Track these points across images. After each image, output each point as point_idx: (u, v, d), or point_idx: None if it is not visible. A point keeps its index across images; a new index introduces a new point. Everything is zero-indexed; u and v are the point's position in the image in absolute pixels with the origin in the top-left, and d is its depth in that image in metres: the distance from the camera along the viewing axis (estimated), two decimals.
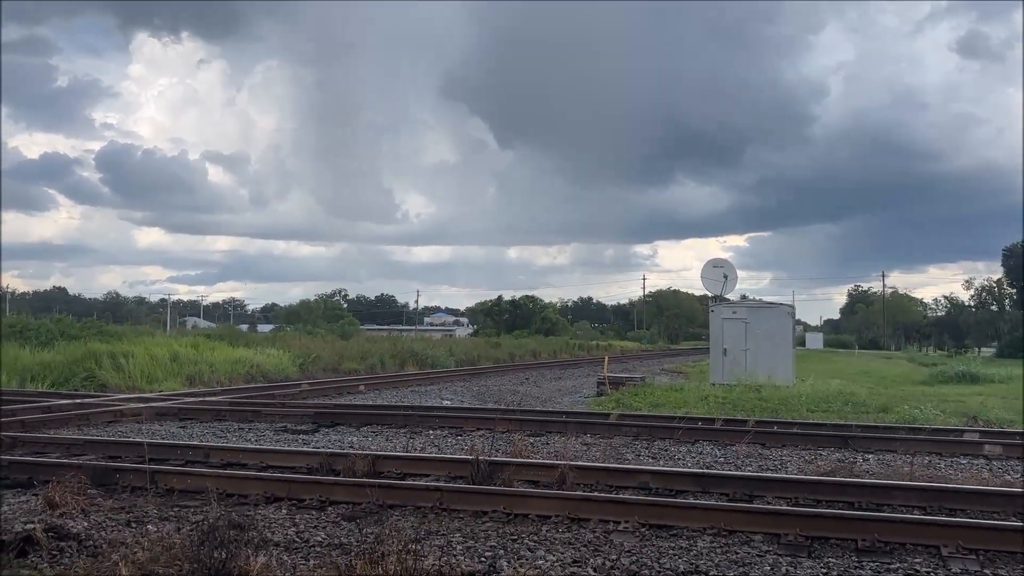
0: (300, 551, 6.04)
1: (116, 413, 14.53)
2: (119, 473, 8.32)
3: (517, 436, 11.97)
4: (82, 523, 6.59)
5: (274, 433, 13.02)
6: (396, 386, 23.11)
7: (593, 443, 11.82)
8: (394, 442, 11.98)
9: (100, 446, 10.47)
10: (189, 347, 25.42)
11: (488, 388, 23.93)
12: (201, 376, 22.60)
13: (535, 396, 21.96)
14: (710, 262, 28.28)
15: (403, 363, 31.86)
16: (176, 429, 13.39)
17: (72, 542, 5.97)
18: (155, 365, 22.25)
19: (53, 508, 7.02)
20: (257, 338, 36.29)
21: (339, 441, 12.10)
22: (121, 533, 6.34)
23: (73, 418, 13.65)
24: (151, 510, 7.17)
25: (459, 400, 20.12)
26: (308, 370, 26.84)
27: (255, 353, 26.75)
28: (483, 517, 7.00)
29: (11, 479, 8.50)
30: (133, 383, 20.53)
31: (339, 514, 7.18)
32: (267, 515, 7.09)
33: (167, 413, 15.00)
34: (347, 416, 14.52)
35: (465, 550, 6.05)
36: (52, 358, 22.90)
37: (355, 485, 7.78)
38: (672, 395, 19.28)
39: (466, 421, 13.87)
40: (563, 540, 6.35)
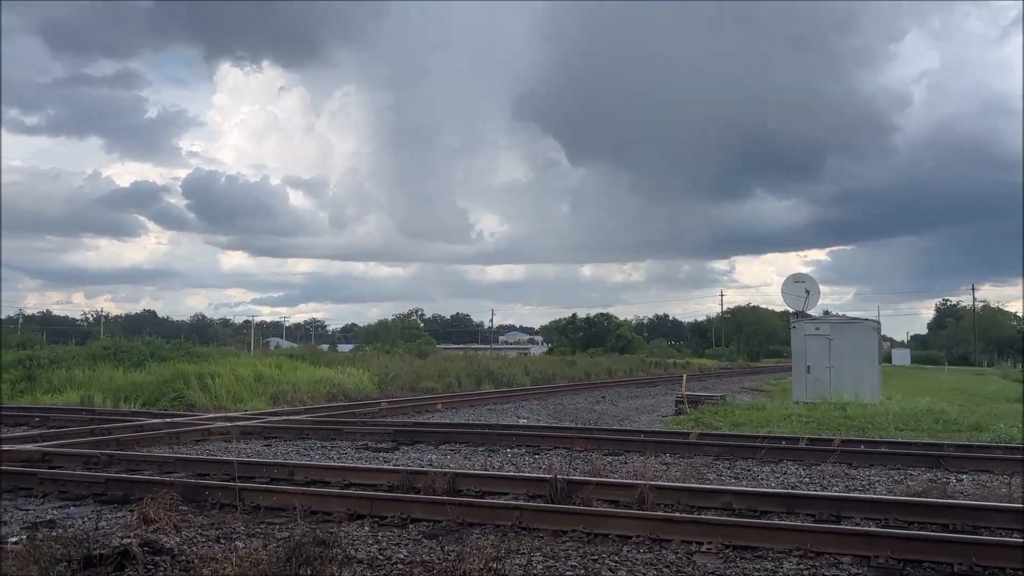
0: (383, 568, 6.11)
1: (204, 432, 14.97)
2: (208, 490, 8.57)
3: (595, 455, 11.92)
4: (175, 538, 6.81)
5: (355, 451, 13.23)
6: (473, 404, 23.24)
7: (673, 463, 11.67)
8: (472, 460, 12.04)
9: (190, 464, 10.80)
10: (273, 367, 26.05)
11: (564, 406, 23.86)
12: (284, 395, 23.13)
13: (612, 415, 21.79)
14: (791, 277, 27.70)
15: (479, 381, 32.03)
16: (261, 447, 13.72)
17: (166, 557, 6.16)
18: (240, 385, 22.85)
19: (148, 523, 7.27)
20: (338, 358, 36.96)
21: (419, 459, 12.22)
22: (211, 549, 6.52)
23: (164, 436, 14.12)
24: (239, 526, 7.36)
25: (535, 418, 20.11)
26: (387, 389, 27.21)
27: (336, 372, 27.26)
28: (563, 536, 6.98)
29: (109, 495, 8.83)
30: (220, 403, 21.12)
31: (420, 531, 7.25)
32: (350, 532, 7.21)
33: (252, 432, 15.39)
34: (426, 434, 14.67)
35: (546, 569, 6.03)
36: (143, 378, 23.76)
37: (435, 503, 7.85)
38: (754, 414, 18.90)
39: (543, 440, 13.85)
40: (644, 560, 6.29)
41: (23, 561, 5.73)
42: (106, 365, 26.08)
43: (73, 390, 23.09)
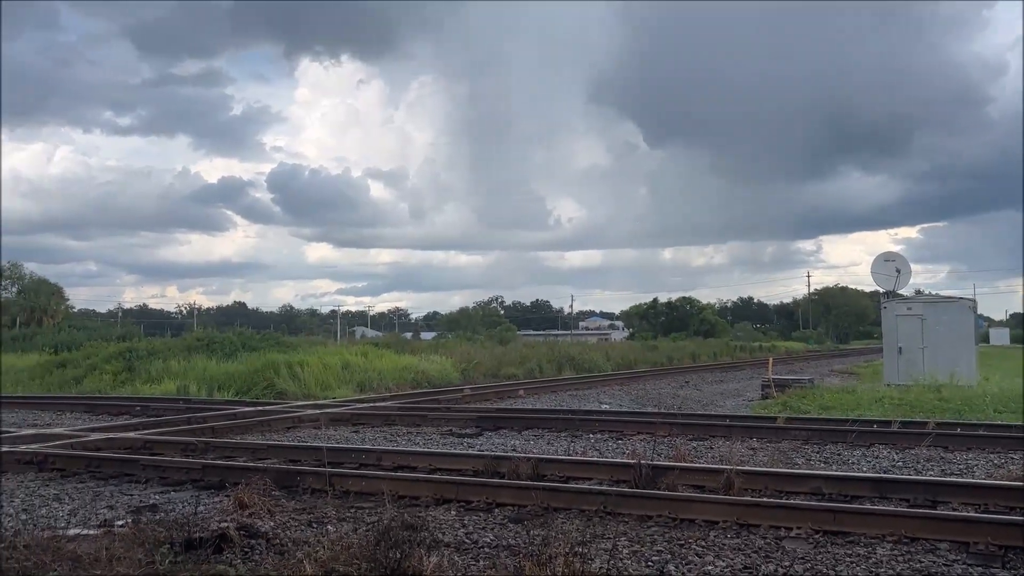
0: (470, 552, 6.20)
1: (295, 419, 15.40)
2: (300, 476, 8.83)
3: (679, 440, 11.82)
4: (269, 523, 7.03)
5: (440, 436, 13.42)
6: (555, 390, 23.28)
7: (759, 447, 11.48)
8: (555, 446, 12.08)
9: (282, 450, 11.14)
10: (359, 356, 26.58)
11: (646, 392, 23.70)
12: (370, 383, 23.60)
13: (696, 400, 21.54)
14: (881, 256, 26.81)
15: (560, 368, 32.05)
16: (350, 434, 14.04)
17: (261, 540, 6.37)
18: (328, 373, 23.40)
19: (243, 508, 7.52)
20: (421, 345, 37.52)
21: (502, 444, 12.32)
22: (304, 533, 6.72)
23: (256, 424, 14.58)
24: (330, 511, 7.55)
25: (617, 404, 20.04)
26: (470, 375, 27.48)
27: (420, 360, 27.66)
28: (648, 521, 6.95)
29: (206, 481, 9.18)
30: (308, 391, 21.68)
31: (505, 516, 7.33)
32: (437, 516, 7.33)
33: (341, 419, 15.75)
34: (509, 420, 14.78)
35: (632, 554, 6.03)
36: (236, 368, 24.56)
37: (520, 488, 7.90)
38: (843, 397, 18.41)
39: (626, 425, 13.79)
40: (732, 546, 6.22)
41: (129, 543, 6.01)
42: (200, 356, 27.06)
43: (170, 380, 24.03)
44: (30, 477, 9.82)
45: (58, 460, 10.39)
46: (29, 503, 8.30)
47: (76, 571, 5.43)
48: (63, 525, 7.18)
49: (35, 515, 7.72)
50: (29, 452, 10.79)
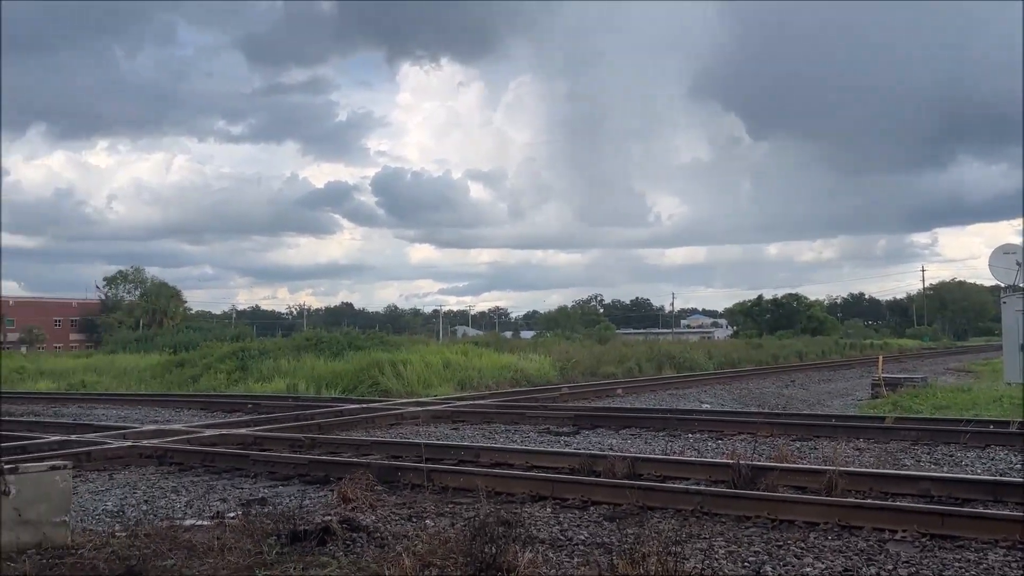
0: (564, 548, 6.25)
1: (397, 416, 15.78)
2: (400, 471, 9.06)
3: (781, 441, 11.57)
4: (370, 516, 7.25)
5: (538, 434, 13.51)
6: (654, 389, 23.08)
7: (866, 448, 11.12)
8: (652, 445, 12.00)
9: (384, 446, 11.44)
10: (459, 354, 26.98)
11: (749, 391, 23.22)
12: (471, 381, 23.93)
13: (801, 399, 20.98)
14: (1000, 248, 25.45)
15: (660, 366, 31.71)
16: (449, 431, 14.29)
17: (362, 533, 6.58)
18: (430, 372, 23.85)
19: (346, 502, 7.78)
20: (520, 344, 37.77)
21: (599, 443, 12.32)
22: (403, 526, 6.91)
23: (361, 421, 15.01)
24: (429, 506, 7.73)
25: (719, 404, 19.71)
26: (568, 374, 27.51)
27: (519, 359, 27.87)
28: (746, 522, 6.85)
29: (312, 475, 9.53)
30: (411, 388, 22.14)
31: (600, 514, 7.34)
32: (533, 513, 7.40)
33: (441, 416, 16.05)
34: (606, 419, 14.75)
35: (728, 554, 5.96)
36: (342, 367, 25.31)
37: (615, 486, 7.91)
38: (958, 396, 17.62)
39: (726, 425, 13.57)
40: (833, 548, 6.07)
41: (239, 534, 6.32)
42: (309, 355, 27.97)
43: (280, 379, 24.95)
44: (151, 470, 10.39)
45: (176, 455, 10.97)
46: (150, 495, 8.80)
47: (190, 559, 5.74)
48: (180, 516, 7.59)
49: (155, 506, 8.19)
50: (150, 447, 11.42)
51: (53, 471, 6.30)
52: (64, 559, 5.59)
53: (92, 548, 5.91)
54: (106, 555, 5.63)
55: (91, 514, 7.82)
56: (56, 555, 5.71)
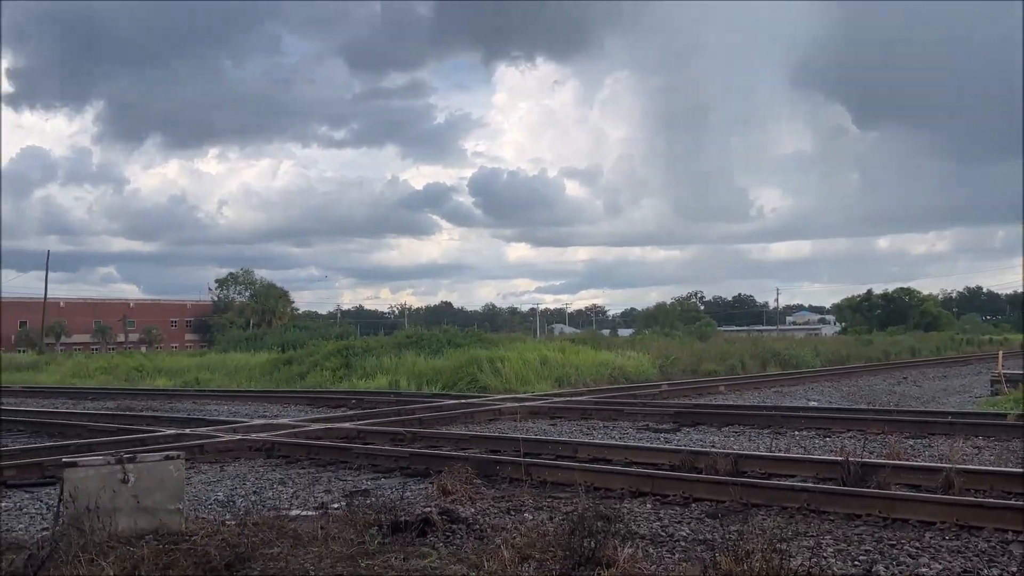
0: (665, 544, 6.14)
1: (495, 412, 15.86)
2: (499, 465, 9.09)
3: (893, 438, 11.08)
4: (469, 509, 7.29)
5: (636, 431, 13.36)
6: (758, 387, 22.51)
7: (986, 446, 10.57)
8: (757, 442, 11.69)
9: (483, 441, 11.51)
10: (557, 352, 26.94)
11: (859, 388, 22.39)
12: (568, 378, 23.87)
13: (914, 396, 20.10)
14: None
15: (764, 364, 30.92)
16: (547, 426, 14.28)
17: (462, 525, 6.62)
18: (527, 369, 23.90)
19: (446, 495, 7.85)
20: (618, 341, 37.48)
21: (700, 440, 12.08)
22: (502, 519, 6.92)
23: (460, 416, 15.15)
24: (527, 500, 7.72)
25: (826, 401, 19.06)
26: (667, 371, 27.14)
27: (616, 356, 27.64)
28: (855, 520, 6.59)
29: (412, 468, 9.67)
30: (509, 385, 22.24)
31: (702, 511, 7.19)
32: (632, 509, 7.31)
33: (539, 412, 16.05)
34: (708, 416, 14.47)
35: (836, 553, 5.74)
36: (442, 364, 25.65)
37: (717, 483, 7.73)
38: None
39: (834, 422, 13.12)
40: (950, 548, 5.77)
41: (342, 525, 6.45)
42: (409, 352, 28.46)
43: (382, 375, 25.47)
44: (259, 463, 10.74)
45: (283, 447, 11.30)
46: (258, 486, 9.09)
47: (296, 548, 5.89)
48: (286, 506, 7.80)
49: (263, 496, 8.45)
50: (259, 440, 11.81)
51: (168, 461, 6.57)
52: (178, 545, 5.81)
53: (204, 535, 6.13)
54: (217, 542, 5.83)
55: (203, 503, 8.13)
56: (171, 541, 5.94)
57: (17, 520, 7.59)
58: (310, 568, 5.43)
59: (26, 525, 7.37)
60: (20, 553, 5.76)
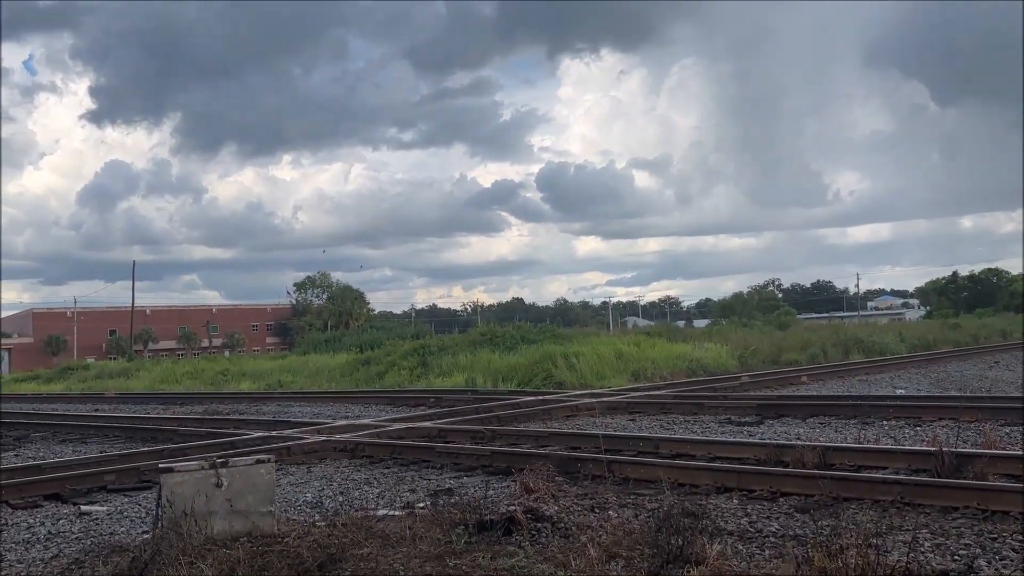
0: (754, 540, 6.05)
1: (572, 408, 15.83)
2: (580, 462, 9.07)
3: (987, 426, 10.70)
4: (553, 507, 7.29)
5: (718, 425, 13.17)
6: (841, 376, 21.95)
7: None
8: (844, 433, 11.40)
9: (562, 437, 11.50)
10: (631, 345, 26.76)
11: (948, 374, 21.64)
12: (644, 372, 23.67)
13: (1008, 381, 19.34)
14: None
15: (847, 352, 30.12)
16: (626, 422, 14.19)
17: (546, 524, 6.62)
18: (602, 363, 23.79)
19: (529, 493, 7.86)
20: (694, 333, 37.00)
21: (785, 432, 11.85)
22: (586, 517, 6.90)
23: (538, 413, 15.17)
24: (610, 497, 7.69)
25: (915, 388, 18.48)
26: (747, 363, 26.66)
27: (693, 348, 27.30)
28: (952, 513, 6.37)
29: (494, 466, 9.72)
30: (584, 380, 22.18)
31: (791, 505, 7.05)
32: (718, 504, 7.21)
33: (617, 407, 15.96)
34: (791, 407, 14.17)
35: (934, 547, 5.56)
36: (517, 360, 25.72)
37: (806, 477, 7.57)
38: None
39: (924, 410, 12.71)
40: None
41: (428, 524, 6.52)
42: (484, 350, 28.62)
43: (459, 373, 25.68)
44: (344, 463, 10.95)
45: (366, 448, 11.50)
46: (344, 486, 9.27)
47: (385, 548, 5.98)
48: (373, 506, 7.93)
49: (349, 497, 8.61)
50: (343, 441, 12.03)
51: (258, 465, 6.74)
52: (272, 547, 5.97)
53: (296, 536, 6.28)
54: (308, 543, 5.96)
55: (293, 505, 8.32)
56: (264, 543, 6.10)
57: (119, 523, 7.90)
58: (399, 568, 5.50)
59: (127, 528, 7.67)
60: (124, 556, 6.00)
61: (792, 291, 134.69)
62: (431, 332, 52.36)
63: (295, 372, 33.77)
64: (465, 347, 29.62)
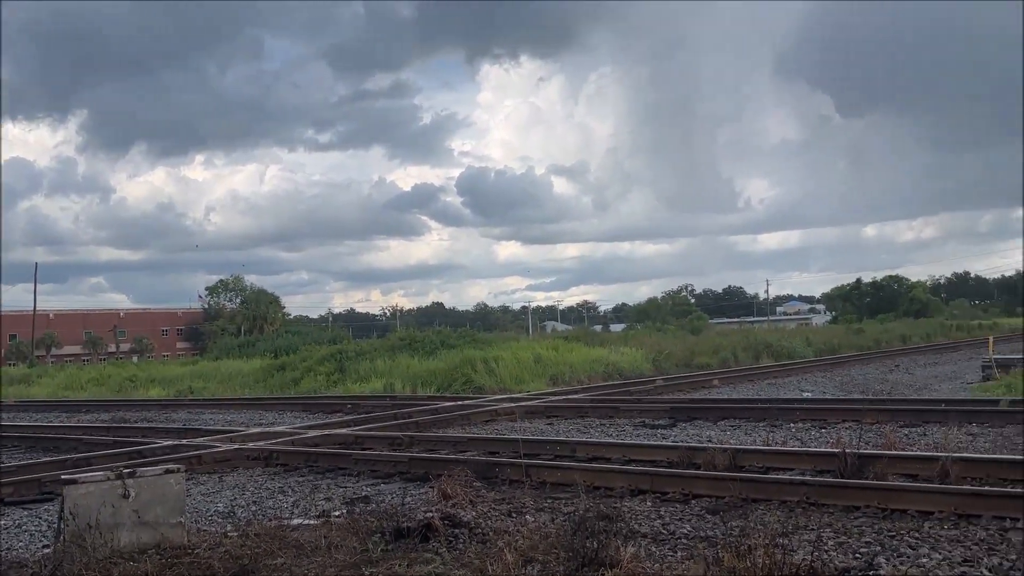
0: (667, 542, 6.18)
1: (492, 413, 15.87)
2: (498, 467, 9.11)
3: (888, 427, 11.16)
4: (470, 513, 7.30)
5: (633, 428, 13.40)
6: (751, 379, 22.59)
7: (980, 433, 10.65)
8: (753, 436, 11.74)
9: (481, 443, 11.53)
10: (550, 349, 26.98)
11: (852, 378, 22.50)
12: (563, 376, 23.90)
13: (907, 384, 20.22)
14: None
15: (757, 356, 31.03)
16: (544, 426, 14.30)
17: (464, 529, 6.63)
18: (521, 368, 23.93)
19: (446, 499, 7.85)
20: (610, 338, 37.53)
21: (697, 435, 12.12)
22: (503, 522, 6.93)
23: (457, 418, 15.16)
24: (528, 501, 7.74)
25: (820, 392, 19.15)
26: (661, 366, 27.20)
27: (610, 352, 27.69)
28: (855, 512, 6.64)
29: (412, 473, 9.67)
30: (504, 385, 22.26)
31: (703, 507, 7.23)
32: (633, 507, 7.34)
33: (535, 411, 16.07)
34: (703, 410, 14.51)
35: (838, 545, 5.79)
36: (436, 365, 25.64)
37: (717, 479, 7.77)
38: None
39: (829, 413, 13.18)
40: (949, 538, 5.82)
41: (345, 532, 6.45)
42: (403, 355, 28.44)
43: (377, 379, 25.45)
44: (257, 472, 10.73)
45: (281, 456, 11.29)
46: (258, 495, 9.09)
47: (299, 558, 5.89)
48: (287, 515, 7.81)
49: (263, 506, 8.45)
50: (256, 449, 11.79)
51: (168, 475, 6.56)
52: (182, 559, 5.81)
53: (207, 548, 6.13)
54: (220, 554, 5.83)
55: (204, 515, 8.12)
56: (174, 555, 5.93)
57: (17, 538, 7.57)
58: None
59: (26, 543, 7.36)
60: (22, 571, 5.76)
61: (705, 296, 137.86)
62: (349, 337, 51.75)
63: (207, 378, 32.91)
64: (384, 352, 29.37)
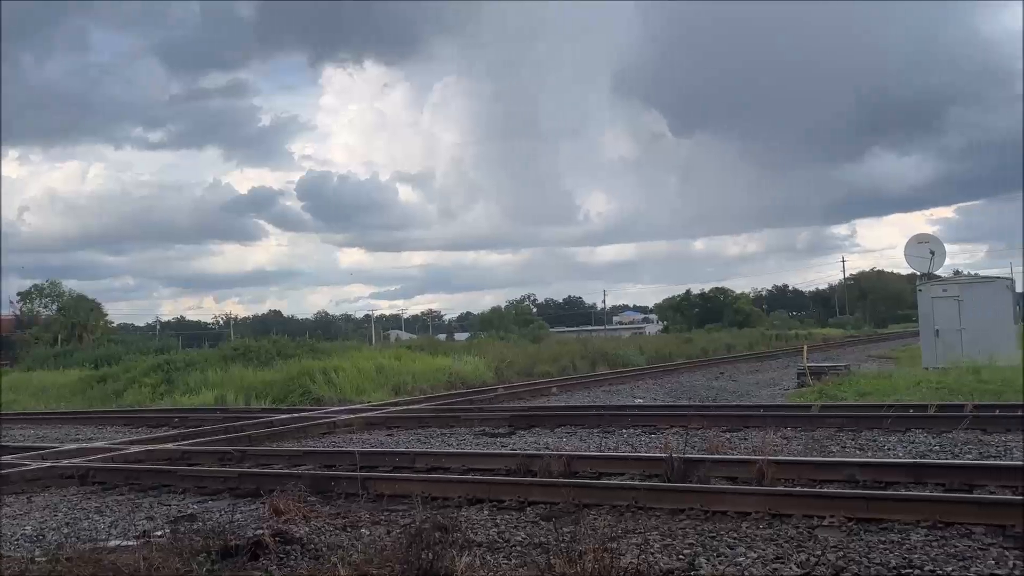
0: (502, 551, 6.24)
1: (330, 424, 15.53)
2: (334, 481, 8.91)
3: (712, 432, 11.76)
4: (304, 528, 7.11)
5: (474, 437, 13.48)
6: (588, 387, 23.26)
7: (794, 436, 11.40)
8: (588, 442, 12.08)
9: (317, 456, 11.25)
10: (393, 359, 26.74)
11: (681, 385, 23.59)
12: (405, 386, 23.70)
13: (731, 391, 21.41)
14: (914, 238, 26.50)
15: (594, 363, 31.97)
16: (384, 437, 14.15)
17: (296, 546, 6.45)
18: (363, 378, 23.56)
19: (279, 515, 7.61)
20: (455, 346, 37.62)
21: (535, 443, 12.34)
22: (338, 537, 6.80)
23: (293, 431, 14.73)
24: (364, 515, 7.62)
25: (651, 398, 19.97)
26: (503, 375, 27.52)
27: (453, 361, 27.75)
28: (680, 515, 6.94)
29: (242, 489, 9.31)
30: (344, 395, 21.85)
31: (537, 514, 7.35)
32: (470, 516, 7.37)
33: (375, 422, 15.86)
34: (541, 418, 14.80)
35: (663, 548, 6.03)
36: (272, 376, 24.82)
37: (551, 485, 7.93)
38: (880, 383, 18.20)
39: (658, 419, 13.74)
40: (764, 536, 6.19)
41: (167, 553, 6.12)
42: (237, 365, 27.36)
43: (208, 390, 24.33)
44: (72, 491, 10.02)
45: (99, 473, 10.59)
46: (71, 516, 8.48)
47: None
48: (104, 537, 7.34)
49: (77, 528, 7.90)
50: (71, 466, 11.01)
51: None
52: None
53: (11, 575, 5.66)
54: None
55: (8, 540, 7.50)
56: None
57: None
58: None
59: None
60: None
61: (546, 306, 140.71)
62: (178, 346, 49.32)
63: (17, 390, 30.43)
64: (216, 362, 28.14)
